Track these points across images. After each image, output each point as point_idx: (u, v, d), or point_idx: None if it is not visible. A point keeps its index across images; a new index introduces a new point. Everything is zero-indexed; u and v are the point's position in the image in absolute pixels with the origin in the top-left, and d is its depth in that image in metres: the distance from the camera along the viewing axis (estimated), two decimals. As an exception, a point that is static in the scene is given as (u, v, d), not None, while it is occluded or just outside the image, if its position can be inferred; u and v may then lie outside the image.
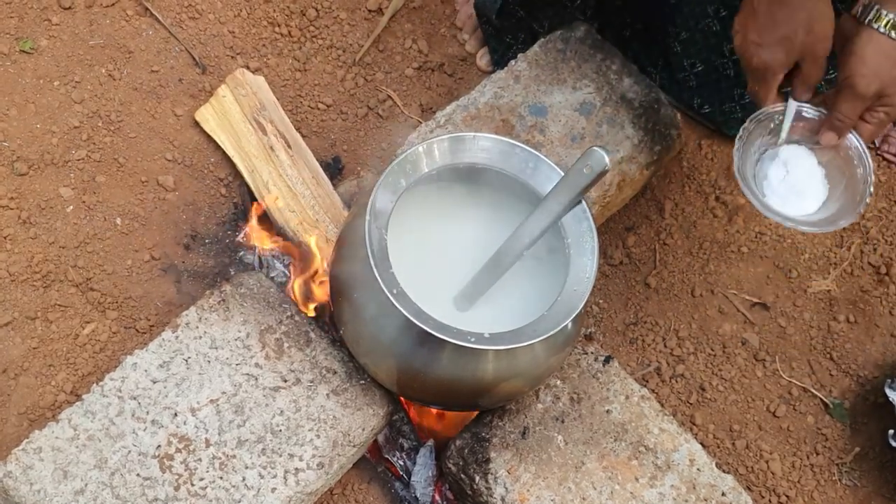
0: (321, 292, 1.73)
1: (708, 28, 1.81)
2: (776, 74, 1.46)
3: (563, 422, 1.59)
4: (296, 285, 1.74)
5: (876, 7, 1.37)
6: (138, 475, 1.42)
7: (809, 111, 1.52)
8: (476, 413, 1.62)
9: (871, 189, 1.49)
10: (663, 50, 1.82)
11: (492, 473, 1.53)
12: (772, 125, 1.53)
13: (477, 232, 1.56)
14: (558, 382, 1.62)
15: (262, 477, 1.44)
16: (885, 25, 1.37)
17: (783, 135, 1.52)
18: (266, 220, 1.81)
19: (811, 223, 1.51)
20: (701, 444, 1.66)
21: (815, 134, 1.51)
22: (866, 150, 1.49)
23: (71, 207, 1.76)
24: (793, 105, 1.51)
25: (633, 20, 1.95)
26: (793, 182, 1.54)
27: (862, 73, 1.38)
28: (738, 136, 1.52)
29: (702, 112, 1.98)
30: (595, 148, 1.29)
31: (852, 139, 1.50)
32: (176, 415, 1.47)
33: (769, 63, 1.44)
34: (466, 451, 1.56)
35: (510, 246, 1.42)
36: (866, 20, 1.38)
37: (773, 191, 1.54)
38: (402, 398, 1.65)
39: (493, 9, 1.91)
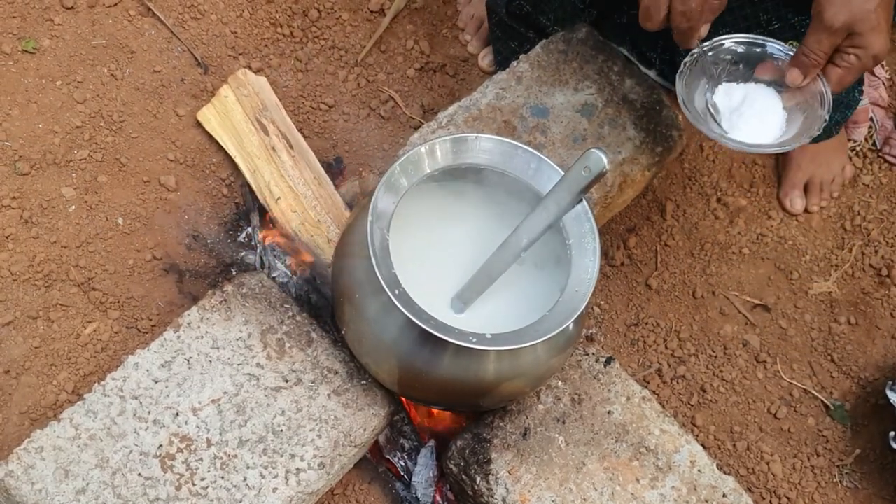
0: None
1: None
2: None
3: (564, 423, 1.59)
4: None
5: None
6: (140, 475, 1.42)
7: (783, 51, 1.47)
8: (477, 413, 1.62)
9: (821, 126, 1.43)
10: (662, 34, 1.82)
11: (493, 474, 1.53)
12: (727, 57, 1.51)
13: (479, 232, 1.56)
14: (559, 383, 1.62)
15: (263, 477, 1.44)
16: None
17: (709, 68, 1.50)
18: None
19: (755, 145, 1.48)
20: (702, 445, 1.66)
21: (780, 71, 1.47)
22: (830, 98, 1.42)
23: (73, 207, 1.76)
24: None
25: (631, 6, 1.94)
26: (747, 113, 1.50)
27: (831, 1, 1.29)
28: (678, 74, 1.50)
29: None
30: (593, 149, 1.29)
31: (820, 85, 1.42)
32: (177, 414, 1.47)
33: None
34: (467, 451, 1.56)
35: (508, 246, 1.43)
36: None
37: (725, 119, 1.50)
38: (403, 398, 1.65)
39: (502, 3, 1.91)
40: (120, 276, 1.74)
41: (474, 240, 1.56)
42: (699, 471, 1.57)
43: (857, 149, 2.08)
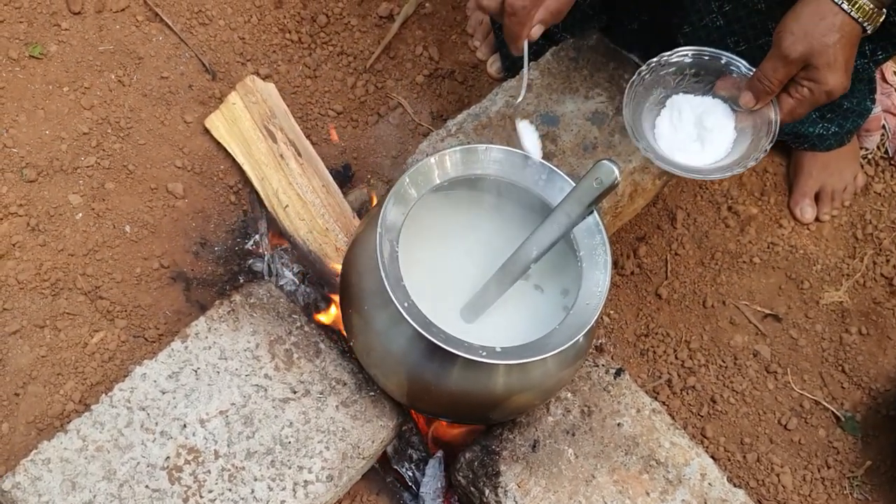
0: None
1: (712, 23, 1.80)
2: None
3: (573, 435, 1.58)
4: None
5: None
6: (147, 487, 1.41)
7: (741, 68, 1.46)
8: (486, 425, 1.61)
9: (759, 158, 1.43)
10: (670, 43, 1.81)
11: (502, 487, 1.52)
12: (675, 74, 1.50)
13: (488, 243, 1.55)
14: (569, 395, 1.61)
15: (271, 489, 1.44)
16: None
17: (524, 87, 1.50)
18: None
19: (691, 169, 1.47)
20: (712, 456, 1.65)
21: (737, 89, 1.46)
22: (777, 127, 1.41)
23: (80, 215, 1.75)
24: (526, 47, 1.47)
25: (640, 12, 1.93)
26: (691, 132, 1.50)
27: (791, 30, 1.30)
28: (628, 85, 1.49)
29: None
30: (605, 161, 1.28)
31: (771, 113, 1.42)
32: (185, 426, 1.46)
33: None
34: (476, 463, 1.55)
35: (517, 258, 1.42)
36: None
37: (672, 137, 1.50)
38: (412, 410, 1.64)
39: None
40: (127, 285, 1.73)
41: (484, 250, 1.55)
42: (709, 484, 1.56)
43: (870, 157, 2.07)
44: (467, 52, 2.07)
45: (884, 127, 2.07)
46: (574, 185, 1.39)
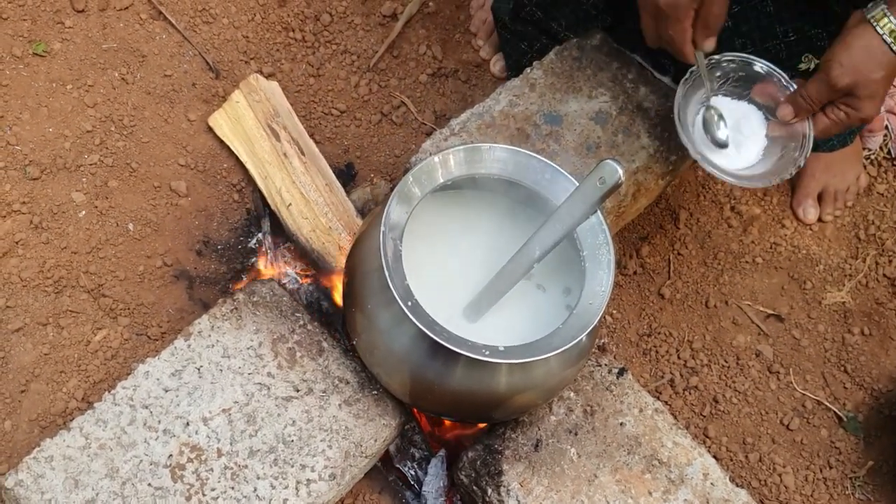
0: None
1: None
2: (687, 10, 1.40)
3: (576, 434, 1.58)
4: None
5: (882, 7, 1.34)
6: (150, 485, 1.41)
7: (782, 80, 1.51)
8: (489, 425, 1.61)
9: (793, 172, 1.49)
10: None
11: (504, 486, 1.52)
12: (720, 77, 1.56)
13: (492, 242, 1.55)
14: (572, 395, 1.61)
15: (273, 487, 1.44)
16: (884, 27, 1.34)
17: (707, 85, 1.53)
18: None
19: (729, 173, 1.52)
20: (714, 456, 1.65)
21: (774, 99, 1.52)
22: (811, 140, 1.48)
23: (83, 212, 1.75)
24: (701, 56, 1.50)
25: (635, 18, 1.92)
26: (736, 135, 1.55)
27: (840, 62, 1.36)
28: (682, 81, 1.54)
29: None
30: (608, 160, 1.28)
31: (805, 128, 1.48)
32: (188, 424, 1.46)
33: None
34: (479, 462, 1.55)
35: (520, 258, 1.41)
36: (869, 16, 1.35)
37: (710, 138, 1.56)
38: (414, 409, 1.64)
39: (506, 10, 1.90)
40: (130, 283, 1.73)
41: (488, 249, 1.55)
42: (712, 484, 1.56)
43: (872, 157, 2.07)
44: (471, 51, 2.07)
45: (886, 128, 2.07)
46: (577, 184, 1.39)
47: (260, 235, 1.81)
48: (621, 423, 1.60)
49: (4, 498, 1.42)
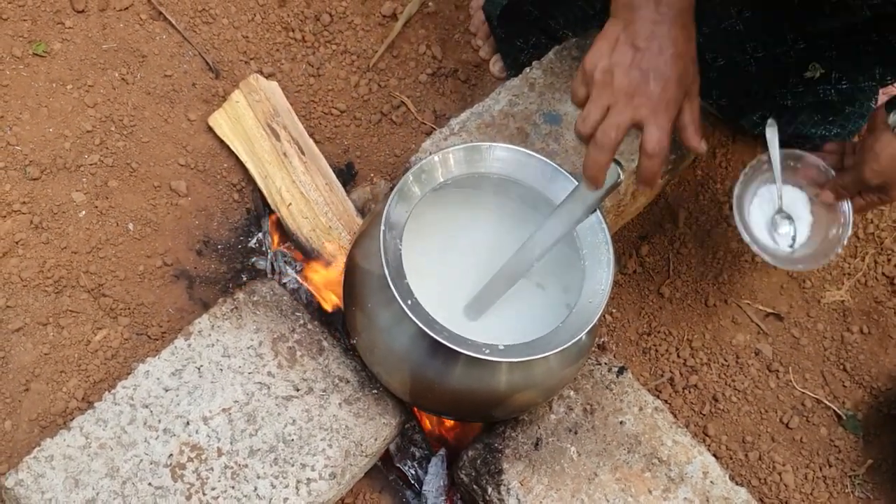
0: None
1: (731, 28, 1.80)
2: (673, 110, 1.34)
3: (576, 433, 1.58)
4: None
5: None
6: (150, 484, 1.41)
7: (820, 166, 1.68)
8: (488, 423, 1.62)
9: (840, 250, 1.67)
10: None
11: (504, 484, 1.52)
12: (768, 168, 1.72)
13: (492, 241, 1.56)
14: (572, 393, 1.61)
15: (274, 487, 1.44)
16: None
17: (777, 170, 1.70)
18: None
19: (786, 259, 1.70)
20: (714, 455, 1.65)
21: (816, 183, 1.69)
22: (851, 218, 1.66)
23: (83, 212, 1.76)
24: (776, 155, 1.69)
25: None
26: (783, 218, 1.72)
27: (872, 168, 1.52)
28: (742, 171, 1.71)
29: (719, 104, 1.96)
30: None
31: (845, 206, 1.67)
32: (188, 423, 1.46)
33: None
34: (479, 461, 1.55)
35: (521, 256, 1.42)
36: (892, 124, 1.48)
37: (763, 221, 1.73)
38: (414, 408, 1.64)
39: (494, 12, 1.90)
40: (130, 283, 1.73)
41: (488, 248, 1.55)
42: (711, 482, 1.57)
43: (871, 156, 2.07)
44: (470, 50, 2.07)
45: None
46: (577, 183, 1.39)
47: (260, 235, 1.82)
48: (621, 422, 1.60)
49: (5, 497, 1.42)
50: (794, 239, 1.72)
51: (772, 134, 1.69)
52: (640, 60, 1.26)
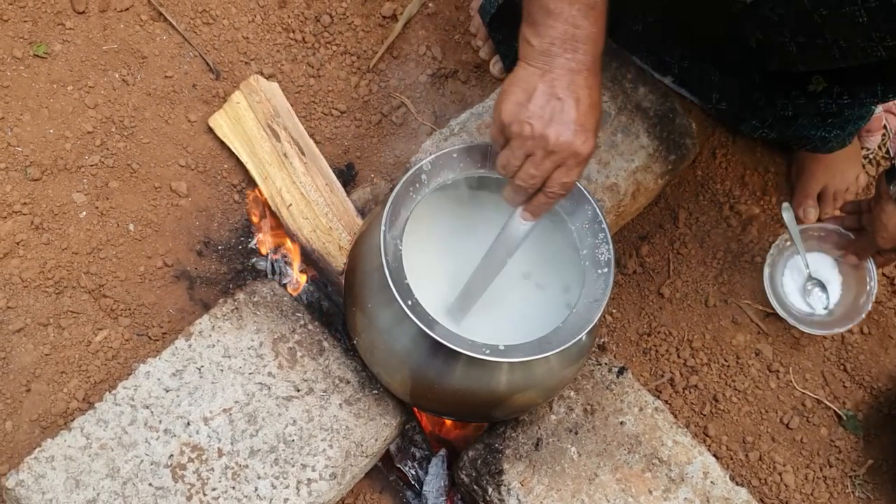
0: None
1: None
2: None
3: (576, 433, 1.58)
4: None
5: None
6: (150, 485, 1.41)
7: (840, 231, 1.84)
8: (489, 424, 1.62)
9: (870, 307, 1.82)
10: (674, 46, 1.80)
11: (505, 485, 1.52)
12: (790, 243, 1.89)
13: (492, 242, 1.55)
14: (572, 394, 1.61)
15: (274, 487, 1.44)
16: None
17: (798, 245, 1.86)
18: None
19: (820, 324, 1.85)
20: (714, 455, 1.65)
21: (839, 247, 1.86)
22: (875, 273, 1.83)
23: (84, 213, 1.76)
24: (795, 229, 1.85)
25: (645, 12, 1.92)
26: (814, 285, 1.88)
27: (882, 236, 1.64)
28: (773, 244, 1.89)
29: (718, 108, 1.96)
30: None
31: (868, 264, 1.83)
32: (189, 424, 1.47)
33: None
34: (479, 462, 1.55)
35: (494, 252, 1.41)
36: (894, 197, 1.56)
37: (796, 290, 1.90)
38: (415, 408, 1.64)
39: (486, 15, 1.89)
40: (131, 283, 1.73)
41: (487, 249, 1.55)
42: (712, 482, 1.57)
43: (871, 157, 2.07)
44: (470, 51, 2.07)
45: (885, 127, 2.08)
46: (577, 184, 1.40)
47: (260, 236, 1.82)
48: (621, 422, 1.60)
49: (6, 498, 1.42)
50: (827, 300, 1.87)
51: (788, 216, 1.84)
52: (561, 113, 1.26)
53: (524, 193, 1.32)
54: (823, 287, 1.88)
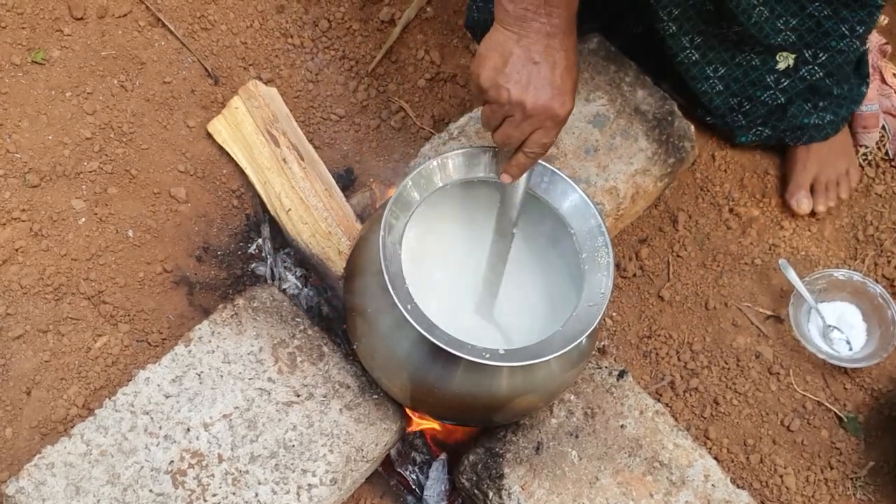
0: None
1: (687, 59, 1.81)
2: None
3: (577, 437, 1.58)
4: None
5: None
6: (151, 491, 1.41)
7: (855, 277, 1.90)
8: (490, 428, 1.62)
9: (893, 346, 1.85)
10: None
11: (505, 489, 1.52)
12: (815, 288, 1.91)
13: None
14: (572, 397, 1.61)
15: (274, 493, 1.44)
16: None
17: (807, 298, 1.88)
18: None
19: (848, 360, 1.87)
20: (715, 458, 1.65)
21: (858, 296, 1.91)
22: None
23: (83, 219, 1.76)
24: (799, 283, 1.88)
25: (640, 18, 1.91)
26: (838, 330, 1.92)
27: None
28: (793, 294, 1.89)
29: (705, 121, 1.96)
30: None
31: (889, 312, 1.87)
32: (189, 430, 1.46)
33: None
34: (480, 466, 1.55)
35: (499, 224, 1.46)
36: None
37: (818, 336, 1.91)
38: (415, 413, 1.64)
39: (478, 30, 1.89)
40: (130, 289, 1.73)
41: (485, 252, 1.55)
42: (713, 485, 1.57)
43: (870, 158, 2.06)
44: (468, 55, 2.07)
45: (883, 128, 2.07)
46: (576, 187, 1.40)
47: (259, 241, 1.82)
48: (622, 426, 1.60)
49: (6, 505, 1.42)
50: (849, 343, 1.90)
51: (789, 272, 1.87)
52: (537, 76, 1.28)
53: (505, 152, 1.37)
54: (842, 332, 1.91)
